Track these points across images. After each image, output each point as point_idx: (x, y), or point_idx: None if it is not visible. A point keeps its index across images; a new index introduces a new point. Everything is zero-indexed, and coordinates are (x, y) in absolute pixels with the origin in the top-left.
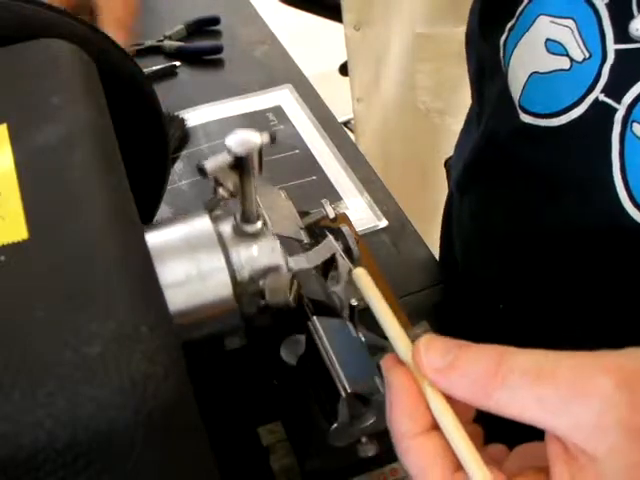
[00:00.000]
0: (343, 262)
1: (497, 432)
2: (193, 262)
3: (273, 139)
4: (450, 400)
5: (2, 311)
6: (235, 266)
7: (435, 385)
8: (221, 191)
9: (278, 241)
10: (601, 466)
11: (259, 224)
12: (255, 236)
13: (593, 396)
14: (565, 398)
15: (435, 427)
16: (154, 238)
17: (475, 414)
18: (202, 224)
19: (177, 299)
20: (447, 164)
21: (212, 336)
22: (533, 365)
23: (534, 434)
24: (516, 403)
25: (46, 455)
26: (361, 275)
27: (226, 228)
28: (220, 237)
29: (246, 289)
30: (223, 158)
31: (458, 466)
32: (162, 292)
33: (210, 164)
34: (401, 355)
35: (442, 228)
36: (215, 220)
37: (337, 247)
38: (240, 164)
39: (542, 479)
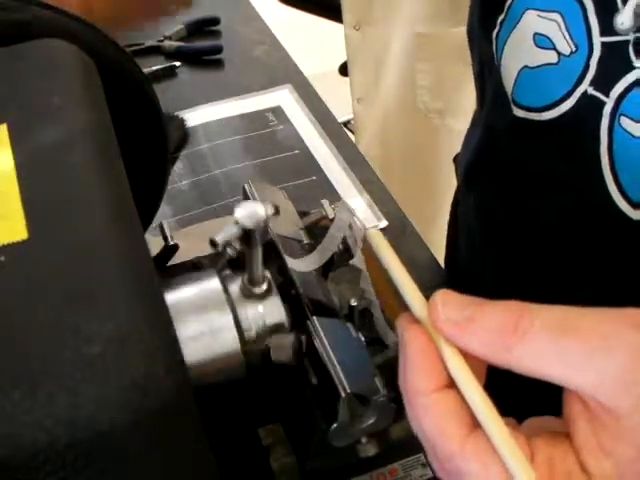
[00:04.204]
0: (357, 227)
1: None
2: (203, 321)
3: (277, 211)
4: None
5: (2, 311)
6: (243, 324)
7: (451, 341)
8: (229, 251)
9: (281, 301)
10: (624, 423)
11: (265, 286)
12: (261, 297)
13: (619, 350)
14: (589, 352)
15: (450, 385)
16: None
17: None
18: (211, 284)
19: (187, 355)
20: (456, 160)
21: (217, 385)
22: (555, 319)
23: (541, 408)
24: (537, 358)
25: (46, 455)
26: (375, 235)
27: (234, 288)
28: (229, 297)
29: (253, 346)
30: (232, 230)
31: (475, 424)
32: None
33: (220, 238)
34: (416, 312)
35: (449, 224)
36: (224, 280)
37: (352, 212)
38: (248, 235)
39: (561, 439)
